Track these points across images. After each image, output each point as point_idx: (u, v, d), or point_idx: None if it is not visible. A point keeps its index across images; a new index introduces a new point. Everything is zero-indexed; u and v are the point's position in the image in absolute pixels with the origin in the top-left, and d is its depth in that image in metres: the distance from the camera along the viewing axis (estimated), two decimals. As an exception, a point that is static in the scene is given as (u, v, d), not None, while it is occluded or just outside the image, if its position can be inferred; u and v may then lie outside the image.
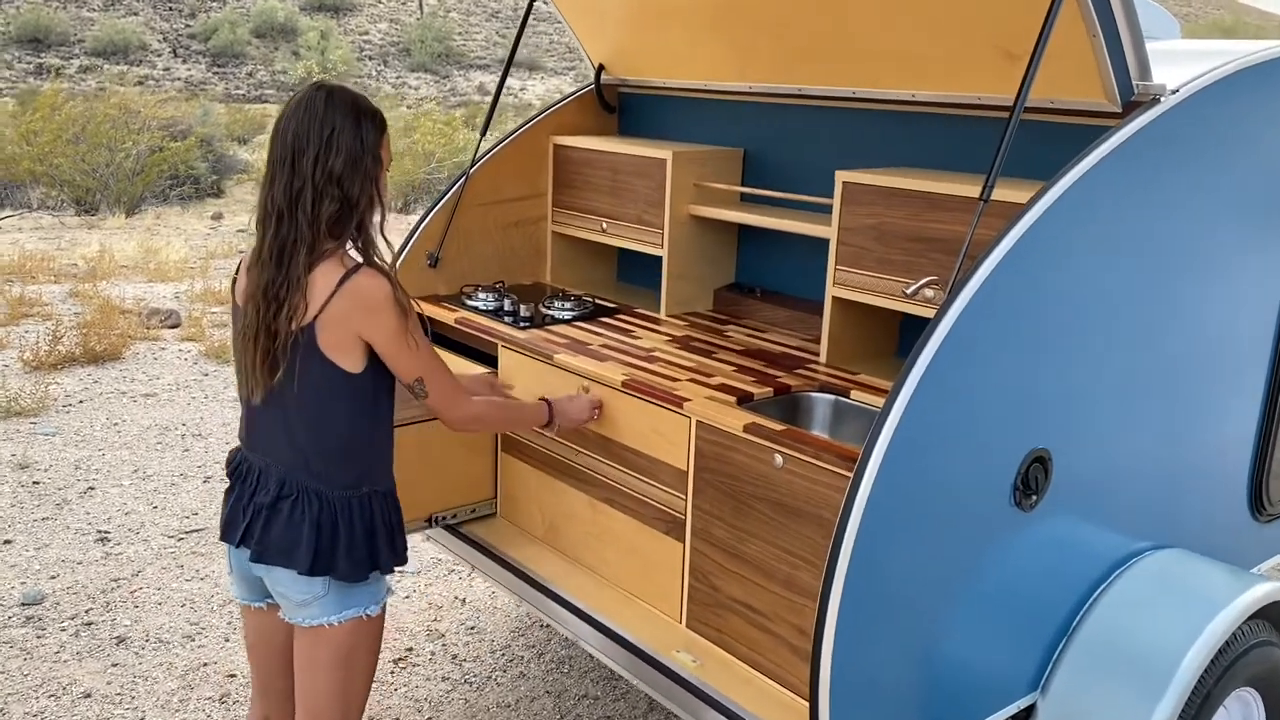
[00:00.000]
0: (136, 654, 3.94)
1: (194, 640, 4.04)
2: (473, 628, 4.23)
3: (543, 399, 2.67)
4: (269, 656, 2.48)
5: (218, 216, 14.06)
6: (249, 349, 2.18)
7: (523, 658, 4.04)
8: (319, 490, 2.23)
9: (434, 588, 4.53)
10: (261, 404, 2.23)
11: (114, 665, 3.85)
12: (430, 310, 3.61)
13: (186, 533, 4.92)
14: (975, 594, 2.38)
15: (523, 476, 3.32)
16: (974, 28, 2.72)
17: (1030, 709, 2.71)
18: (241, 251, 11.27)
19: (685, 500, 2.78)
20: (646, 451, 2.86)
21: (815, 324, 3.37)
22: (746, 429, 2.56)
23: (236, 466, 2.35)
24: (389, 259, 2.28)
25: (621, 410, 2.92)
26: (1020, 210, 2.28)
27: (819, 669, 2.16)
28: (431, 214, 3.69)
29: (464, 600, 4.43)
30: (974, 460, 2.29)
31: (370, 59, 36.76)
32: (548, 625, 4.23)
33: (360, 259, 2.19)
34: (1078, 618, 2.76)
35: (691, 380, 2.90)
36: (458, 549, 3.38)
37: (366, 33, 38.47)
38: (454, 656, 4.03)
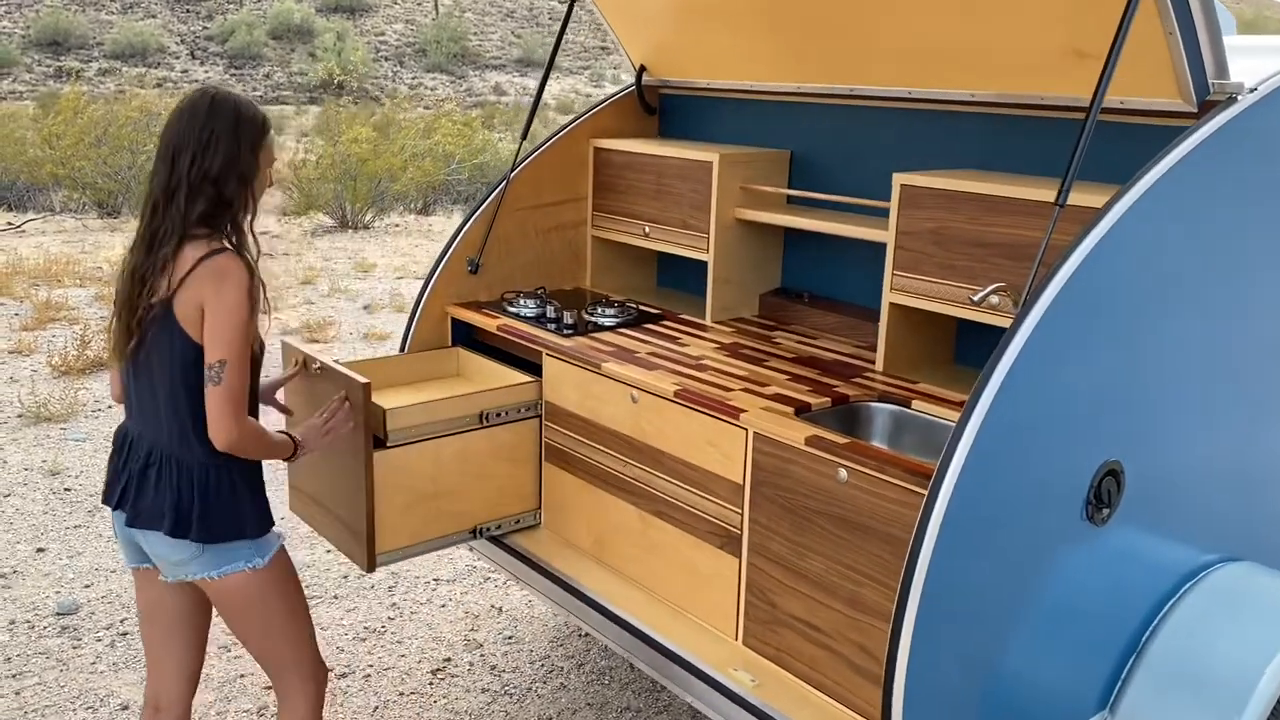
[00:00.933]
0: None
1: (230, 651, 3.98)
2: (510, 637, 4.16)
3: (284, 432, 2.55)
4: (156, 620, 2.59)
5: (239, 219, 14.04)
6: (114, 324, 2.38)
7: (562, 668, 3.97)
8: (180, 458, 2.36)
9: (470, 596, 4.46)
10: (133, 376, 2.40)
11: (149, 678, 3.80)
12: (471, 317, 3.55)
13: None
14: (1044, 610, 2.30)
15: (568, 487, 3.25)
16: (1041, 25, 2.63)
17: (1099, 729, 2.63)
18: (266, 254, 11.23)
19: (741, 514, 2.70)
20: (700, 464, 2.78)
21: (867, 330, 3.29)
22: (809, 442, 2.48)
23: (118, 435, 2.50)
24: (255, 256, 2.40)
25: (673, 421, 2.84)
26: (1097, 214, 2.19)
27: (891, 690, 2.08)
28: (472, 220, 3.62)
29: (501, 609, 4.36)
30: (1047, 474, 2.21)
31: (386, 59, 36.77)
32: (586, 635, 4.15)
33: (231, 247, 2.34)
34: (1147, 633, 2.68)
35: (745, 390, 2.81)
36: (503, 561, 3.31)
37: (383, 33, 38.49)
38: (493, 667, 3.96)
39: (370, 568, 3.03)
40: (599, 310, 3.49)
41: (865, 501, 2.40)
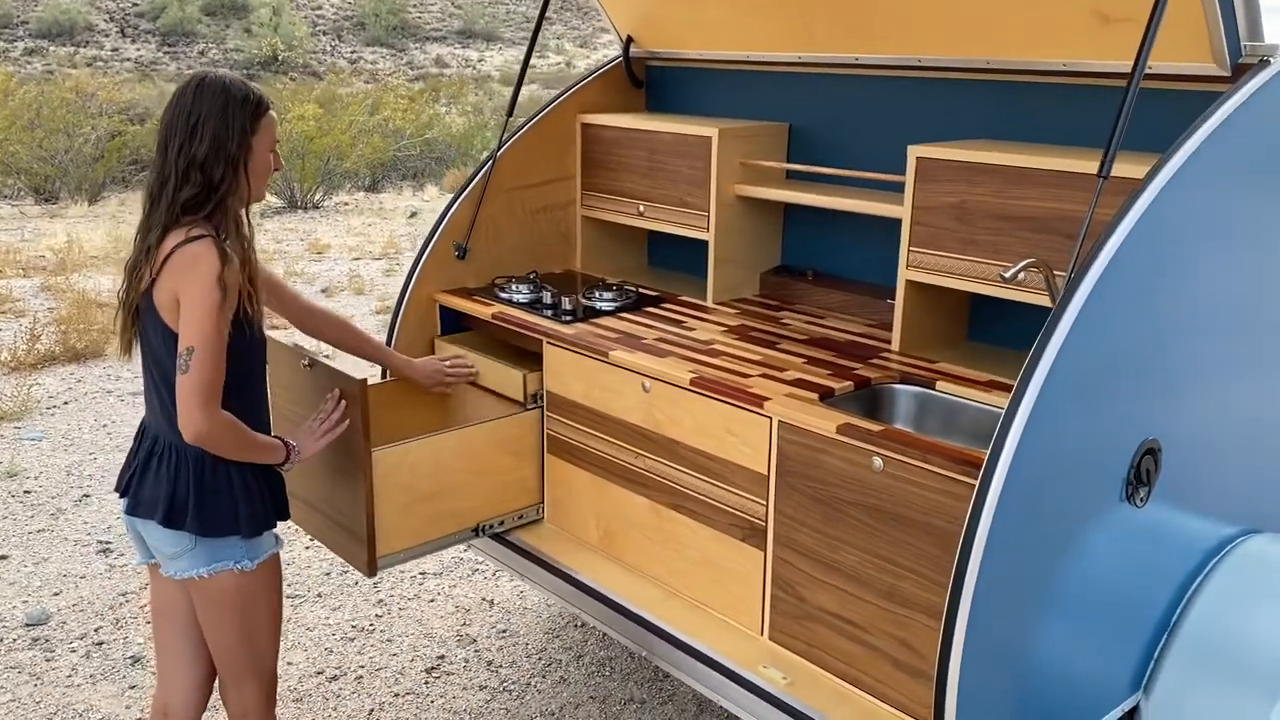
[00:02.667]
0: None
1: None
2: (504, 630, 4.04)
3: (278, 436, 2.45)
4: (165, 619, 2.53)
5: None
6: (118, 315, 2.35)
7: (561, 660, 3.85)
8: (178, 445, 2.30)
9: (459, 589, 4.33)
10: (142, 366, 2.36)
11: (131, 688, 3.63)
12: (462, 305, 3.40)
13: (191, 540, 4.68)
14: (1080, 594, 2.23)
15: (573, 480, 3.12)
16: (1064, -12, 2.53)
17: (1133, 711, 2.57)
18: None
19: (766, 506, 2.59)
20: (719, 454, 2.67)
21: (876, 307, 3.19)
22: (841, 430, 2.38)
23: (140, 425, 2.47)
24: (246, 243, 2.32)
25: (688, 410, 2.72)
26: (1137, 187, 2.10)
27: (945, 688, 2.00)
28: (457, 204, 3.46)
29: (492, 601, 4.23)
30: (1090, 456, 2.14)
31: (324, 34, 36.04)
32: (583, 625, 4.05)
33: (209, 234, 2.25)
34: (1178, 612, 2.63)
35: (764, 376, 2.70)
36: (505, 558, 3.18)
37: (320, 7, 37.71)
38: (489, 663, 3.83)
39: (371, 572, 2.89)
40: (596, 294, 3.36)
41: (902, 491, 2.30)
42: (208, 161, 2.23)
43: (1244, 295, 2.47)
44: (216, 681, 2.58)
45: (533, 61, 3.71)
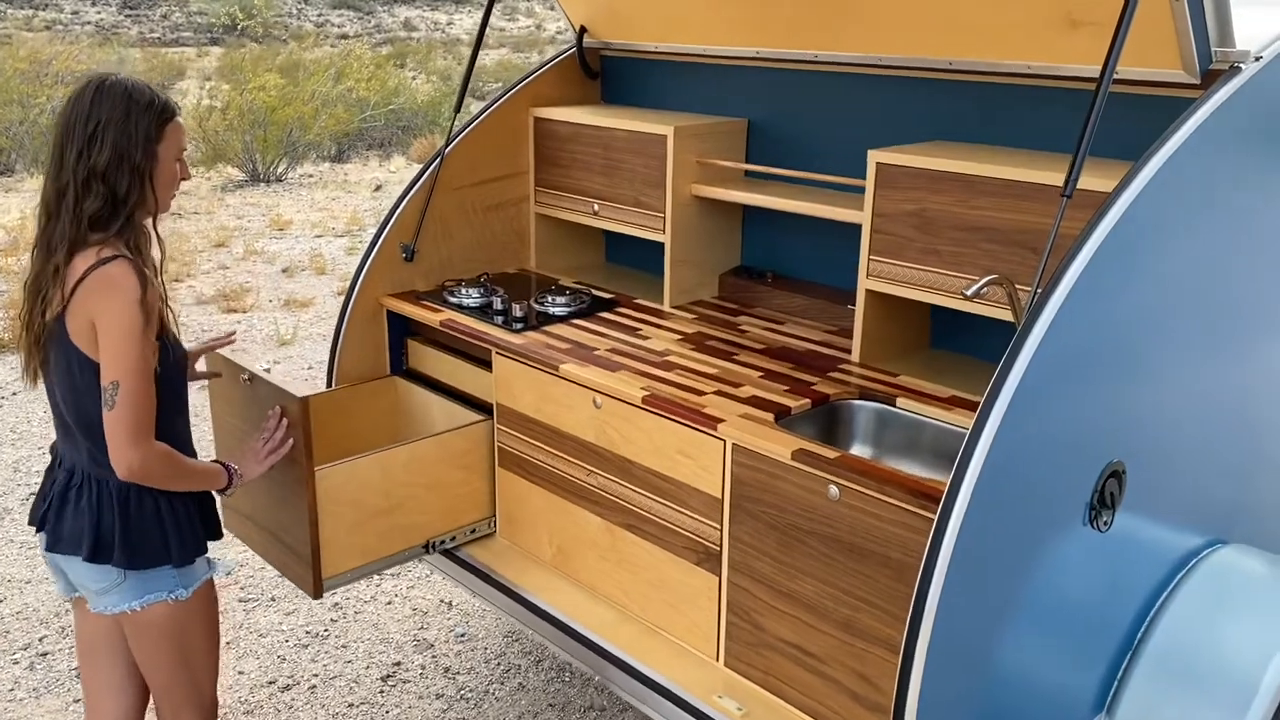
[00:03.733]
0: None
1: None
2: (462, 635, 3.95)
3: (218, 461, 2.37)
4: (93, 654, 2.43)
5: (143, 173, 13.34)
6: (21, 338, 2.20)
7: (519, 666, 3.78)
8: (100, 477, 2.19)
9: (416, 591, 4.24)
10: (48, 392, 2.24)
11: (76, 701, 3.52)
12: (410, 310, 3.27)
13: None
14: (1044, 622, 2.16)
15: (526, 495, 3.02)
16: (1030, -10, 2.42)
17: (1097, 733, 2.52)
18: (174, 214, 10.69)
19: (720, 530, 2.50)
20: (673, 475, 2.58)
21: (836, 313, 3.09)
22: (796, 456, 2.28)
23: (51, 451, 2.35)
24: (158, 258, 2.23)
25: (641, 429, 2.63)
26: (1104, 203, 2.01)
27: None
28: (404, 202, 3.33)
29: (450, 604, 4.14)
30: (1052, 481, 2.06)
31: (290, -4, 35.35)
32: (544, 630, 3.97)
33: (125, 253, 2.13)
34: (1143, 629, 2.57)
35: (718, 393, 2.60)
36: (457, 575, 3.08)
37: (285, -32, 36.96)
38: (446, 669, 3.75)
39: (317, 595, 2.79)
40: (549, 299, 3.24)
41: (860, 521, 2.22)
42: (109, 171, 2.09)
43: (1223, 308, 2.39)
44: (151, 709, 2.47)
45: (503, 25, 3.55)
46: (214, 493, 2.37)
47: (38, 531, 2.31)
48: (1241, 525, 2.80)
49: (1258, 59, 2.28)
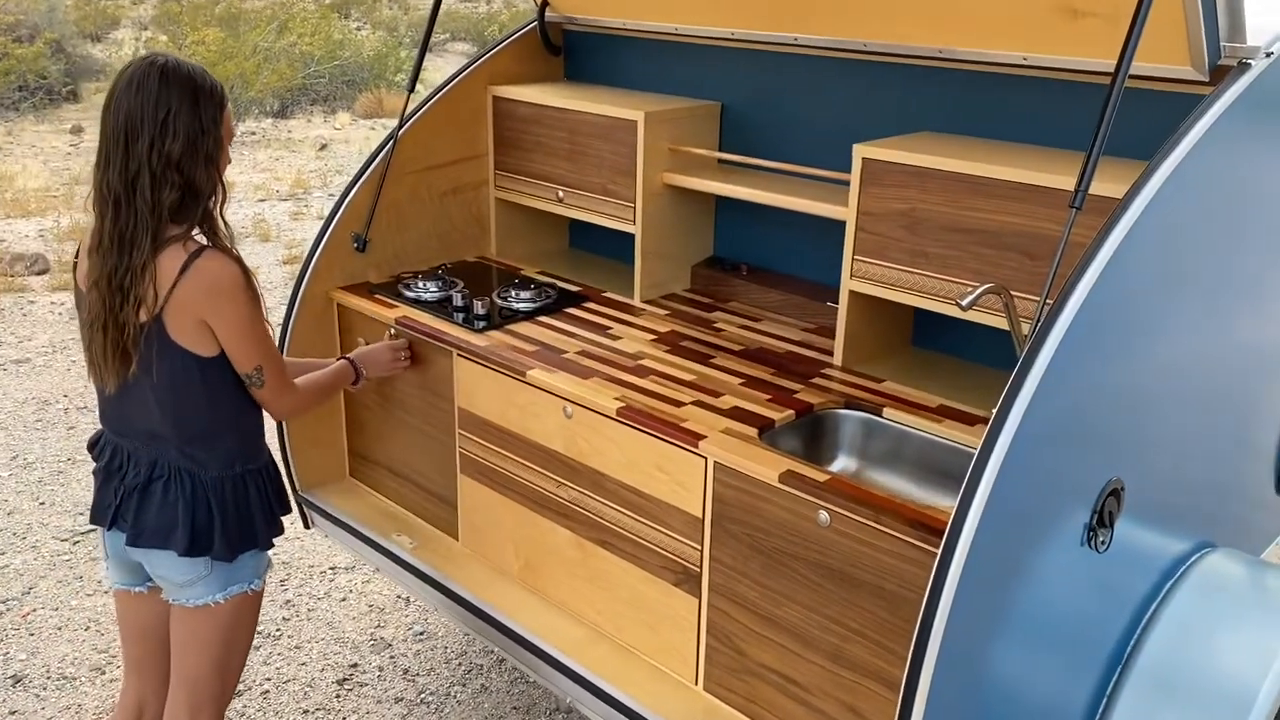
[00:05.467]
0: (37, 696, 3.42)
1: (104, 673, 3.53)
2: (421, 633, 3.81)
3: (343, 358, 2.65)
4: (148, 640, 2.46)
5: (78, 130, 12.82)
6: (97, 339, 2.13)
7: (481, 666, 3.64)
8: (191, 471, 2.21)
9: (372, 585, 4.07)
10: (120, 391, 2.19)
11: (11, 714, 3.33)
12: (362, 305, 3.08)
13: (82, 533, 4.35)
14: (1039, 641, 2.06)
15: (490, 504, 2.86)
16: (1030, -22, 2.27)
17: (1087, 751, 2.44)
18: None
19: (700, 551, 2.37)
20: (649, 492, 2.43)
21: (814, 309, 2.95)
22: (784, 479, 2.15)
23: (102, 449, 2.31)
24: (231, 241, 2.20)
25: (614, 441, 2.47)
26: (1116, 208, 1.88)
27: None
28: (355, 189, 3.13)
29: (408, 600, 3.99)
30: (1053, 504, 1.94)
31: (228, -59, 34.22)
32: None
33: (206, 242, 2.13)
34: (1133, 642, 2.49)
35: (697, 403, 2.46)
36: (417, 590, 2.93)
37: (222, -88, 35.75)
38: (405, 671, 3.61)
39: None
40: (512, 293, 3.06)
41: (851, 549, 2.09)
42: (184, 160, 2.06)
43: (1221, 316, 2.29)
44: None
45: None
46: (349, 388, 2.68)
47: (109, 528, 2.29)
48: (1226, 526, 2.73)
49: (1269, 54, 2.15)
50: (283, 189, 9.87)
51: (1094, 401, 1.94)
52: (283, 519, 2.37)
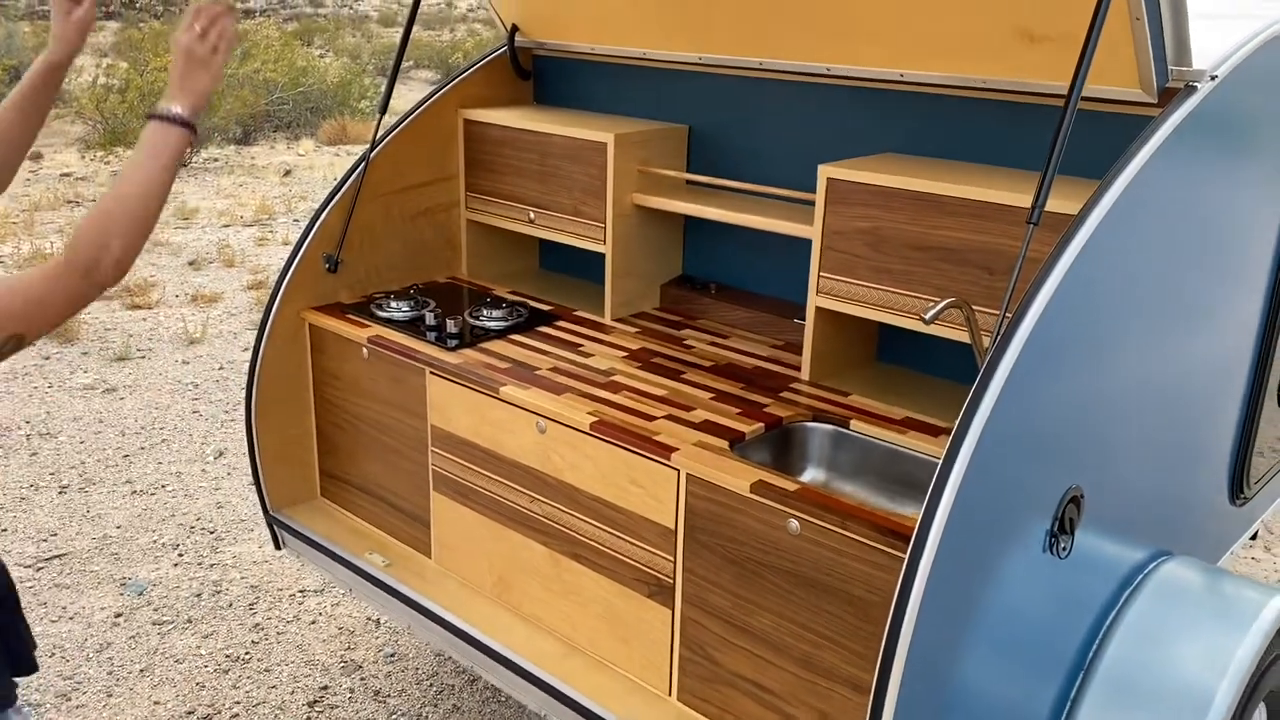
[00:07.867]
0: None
1: (69, 699, 3.51)
2: (392, 654, 3.81)
3: (151, 116, 1.79)
4: None
5: (37, 157, 12.75)
6: None
7: (453, 686, 3.65)
8: None
9: (341, 608, 4.07)
10: None
11: (-23, 741, 3.30)
12: (335, 325, 3.11)
13: (45, 560, 4.32)
14: (1003, 647, 2.11)
15: (463, 521, 2.89)
16: (984, 1, 2.35)
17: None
18: (71, 202, 10.23)
19: (673, 562, 2.41)
20: (622, 505, 2.47)
21: (782, 326, 3.02)
22: (754, 489, 2.20)
23: None
24: None
25: (588, 455, 2.51)
26: (1071, 224, 1.95)
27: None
28: (327, 210, 3.16)
29: (378, 622, 3.99)
30: (1015, 510, 2.01)
31: (190, -31, 34.13)
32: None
33: None
34: (1095, 647, 2.55)
35: (669, 417, 2.50)
36: (392, 609, 2.94)
37: (184, -60, 35.71)
38: (376, 692, 3.61)
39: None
40: (484, 312, 3.10)
41: (821, 557, 2.14)
42: None
43: (1177, 326, 2.37)
44: None
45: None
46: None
47: None
48: (1183, 535, 2.81)
49: (1213, 78, 2.24)
50: (247, 215, 9.85)
51: (1053, 411, 2.01)
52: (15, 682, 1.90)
